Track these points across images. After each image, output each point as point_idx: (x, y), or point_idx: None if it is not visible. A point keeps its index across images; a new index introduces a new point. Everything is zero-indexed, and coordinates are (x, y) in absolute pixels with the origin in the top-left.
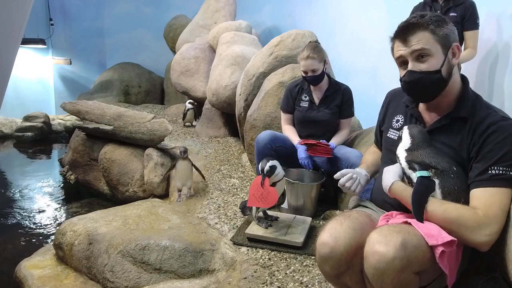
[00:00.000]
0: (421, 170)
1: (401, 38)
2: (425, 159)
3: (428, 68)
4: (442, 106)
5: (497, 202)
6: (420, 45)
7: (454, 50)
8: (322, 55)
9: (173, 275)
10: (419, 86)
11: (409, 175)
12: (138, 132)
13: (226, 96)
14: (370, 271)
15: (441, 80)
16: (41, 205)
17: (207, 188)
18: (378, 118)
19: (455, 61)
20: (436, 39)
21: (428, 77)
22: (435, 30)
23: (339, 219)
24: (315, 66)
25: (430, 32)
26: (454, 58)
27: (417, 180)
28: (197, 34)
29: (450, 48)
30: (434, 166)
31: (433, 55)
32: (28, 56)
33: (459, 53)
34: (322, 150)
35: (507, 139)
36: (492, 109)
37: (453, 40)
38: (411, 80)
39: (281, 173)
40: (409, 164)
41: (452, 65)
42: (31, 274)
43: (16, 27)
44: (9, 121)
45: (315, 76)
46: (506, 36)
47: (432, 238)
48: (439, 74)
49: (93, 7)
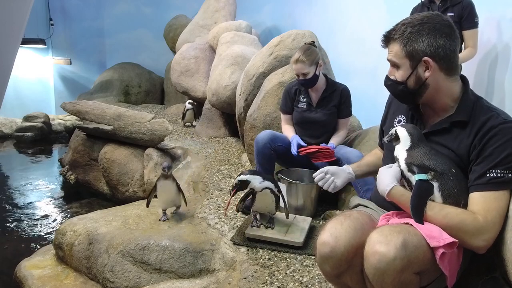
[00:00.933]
0: (419, 173)
1: (384, 44)
2: (424, 161)
3: (397, 77)
4: (438, 108)
5: (496, 207)
6: (390, 56)
7: (426, 63)
8: (313, 58)
9: (173, 275)
10: (391, 91)
11: (408, 178)
12: (138, 132)
13: (226, 96)
14: (371, 271)
15: (405, 91)
16: (41, 205)
17: (207, 188)
18: (382, 119)
19: (427, 73)
20: (403, 53)
21: (395, 86)
22: (405, 43)
23: (339, 218)
24: (304, 70)
25: (400, 45)
26: (426, 71)
27: (416, 183)
28: (197, 34)
29: (420, 62)
30: (433, 168)
31: (401, 67)
32: (28, 56)
33: (431, 67)
34: (324, 155)
35: (507, 143)
36: (494, 111)
37: (423, 54)
38: (386, 84)
39: (259, 186)
40: (408, 167)
41: (422, 77)
42: (31, 274)
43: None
44: (9, 121)
45: (306, 80)
46: (506, 37)
47: (434, 240)
48: (402, 85)
49: (93, 7)
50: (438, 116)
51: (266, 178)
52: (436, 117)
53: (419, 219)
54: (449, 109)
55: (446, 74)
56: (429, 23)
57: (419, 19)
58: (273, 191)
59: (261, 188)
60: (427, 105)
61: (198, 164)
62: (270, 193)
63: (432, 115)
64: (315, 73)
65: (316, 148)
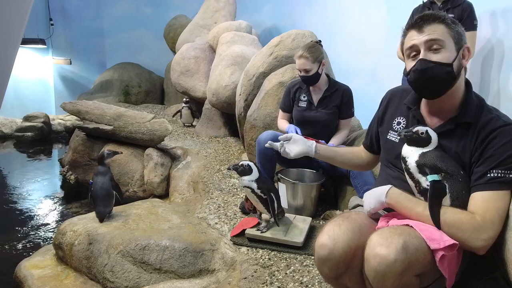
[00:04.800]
0: (432, 174)
1: (416, 27)
2: (436, 162)
3: (441, 59)
4: (444, 109)
5: (495, 207)
6: (435, 35)
7: (464, 52)
8: (316, 55)
9: (173, 275)
10: (429, 76)
11: (418, 179)
12: (138, 132)
13: (226, 96)
14: (371, 274)
15: (451, 74)
16: (41, 205)
17: (207, 188)
18: (374, 119)
19: (465, 62)
20: (451, 34)
21: (440, 68)
22: (450, 25)
23: (337, 220)
24: (307, 66)
25: (446, 26)
26: (463, 59)
27: (431, 184)
28: (197, 34)
29: (462, 48)
30: (445, 170)
31: (446, 48)
32: (28, 56)
33: (468, 56)
34: None
35: (508, 144)
36: (495, 113)
37: (465, 41)
38: (423, 69)
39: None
40: (420, 168)
41: (462, 65)
42: (31, 274)
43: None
44: (9, 121)
45: (308, 76)
46: (500, 35)
47: (434, 242)
48: (450, 67)
49: (93, 7)
50: (439, 118)
51: (261, 180)
52: (436, 119)
53: (436, 220)
54: (453, 110)
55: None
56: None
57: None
58: (255, 191)
59: (243, 184)
60: (439, 103)
61: (198, 164)
62: (251, 193)
63: (433, 117)
64: (317, 71)
65: (314, 141)
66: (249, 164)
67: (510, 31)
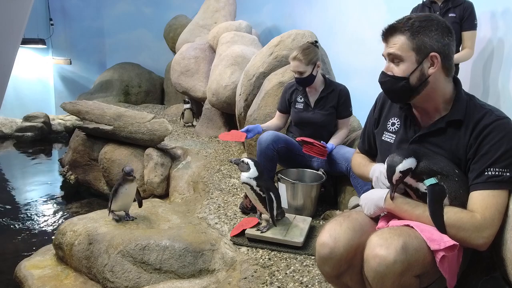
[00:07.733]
0: (428, 178)
1: (383, 38)
2: (431, 166)
3: (396, 73)
4: (429, 109)
5: (494, 204)
6: (393, 49)
7: (433, 59)
8: (310, 58)
9: (173, 275)
10: (386, 88)
11: (416, 186)
12: (138, 132)
13: (226, 96)
14: (371, 274)
15: (406, 87)
16: (41, 205)
17: (207, 188)
18: (369, 121)
19: (432, 70)
20: (410, 45)
21: (393, 81)
22: (412, 36)
23: (338, 219)
24: (300, 68)
25: (406, 37)
26: (431, 67)
27: (429, 189)
28: (197, 34)
29: (427, 57)
30: (440, 172)
31: (404, 61)
32: (28, 56)
33: (437, 64)
34: (317, 150)
35: (503, 139)
36: (487, 108)
37: (431, 49)
38: (380, 81)
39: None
40: (415, 178)
41: (426, 74)
42: (31, 274)
43: (16, 27)
44: (9, 121)
45: (301, 78)
46: (501, 35)
47: (434, 243)
48: (404, 81)
49: (93, 7)
50: (429, 117)
51: (262, 179)
52: (428, 118)
53: (439, 226)
54: (442, 109)
55: (445, 74)
56: (435, 21)
57: (424, 16)
58: (253, 189)
59: (242, 180)
60: (419, 105)
61: (198, 164)
62: (250, 190)
63: (424, 116)
64: (312, 73)
65: (313, 141)
66: (248, 162)
67: (510, 31)
